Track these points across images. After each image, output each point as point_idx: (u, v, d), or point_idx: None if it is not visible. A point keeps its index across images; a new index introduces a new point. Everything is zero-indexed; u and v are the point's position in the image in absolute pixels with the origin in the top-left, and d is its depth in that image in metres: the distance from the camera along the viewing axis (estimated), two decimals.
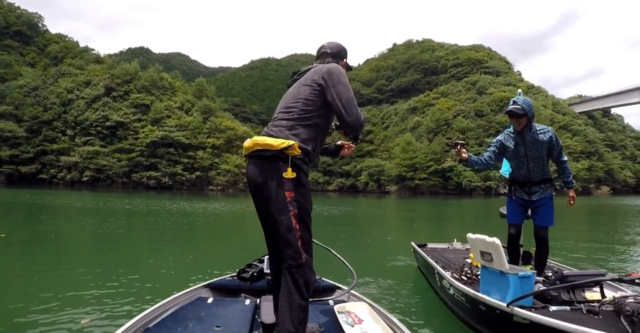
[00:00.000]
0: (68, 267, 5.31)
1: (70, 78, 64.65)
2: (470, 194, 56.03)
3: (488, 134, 62.90)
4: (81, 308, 3.39)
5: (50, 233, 8.39)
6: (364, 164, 72.04)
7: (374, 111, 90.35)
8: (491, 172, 58.51)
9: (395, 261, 6.13)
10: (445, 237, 9.90)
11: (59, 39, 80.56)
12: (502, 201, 15.71)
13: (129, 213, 14.49)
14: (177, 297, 2.56)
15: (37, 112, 59.20)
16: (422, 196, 52.05)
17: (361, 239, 9.10)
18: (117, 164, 55.85)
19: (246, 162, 1.94)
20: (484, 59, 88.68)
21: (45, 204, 17.83)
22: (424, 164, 59.46)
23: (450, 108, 70.29)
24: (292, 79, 2.13)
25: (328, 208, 20.63)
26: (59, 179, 56.82)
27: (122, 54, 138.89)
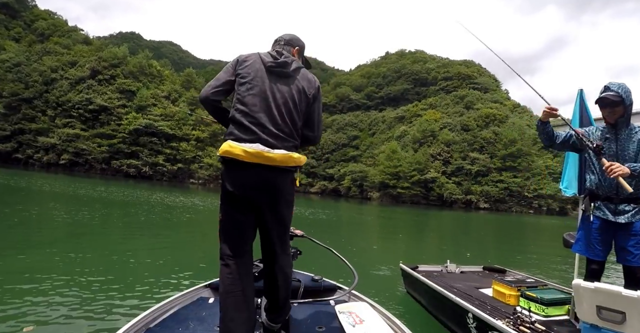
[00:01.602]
0: (66, 267, 5.08)
1: (56, 57, 62.59)
2: (451, 206, 56.56)
3: (472, 149, 63.68)
4: (81, 309, 3.39)
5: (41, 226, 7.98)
6: (348, 168, 71.98)
7: (361, 117, 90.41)
8: (472, 186, 59.32)
9: (386, 271, 5.97)
10: (431, 250, 9.88)
11: (47, 15, 78.07)
12: (482, 216, 15.79)
13: (126, 206, 14.01)
14: (178, 297, 2.55)
15: (17, 89, 57.07)
16: (403, 205, 52.26)
17: (346, 247, 8.91)
18: (97, 149, 54.47)
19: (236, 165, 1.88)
20: (473, 74, 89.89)
21: (40, 190, 17.11)
22: (407, 173, 59.72)
23: (437, 120, 70.87)
24: (276, 67, 2.00)
25: (313, 211, 20.44)
26: (35, 160, 55.11)
27: (112, 38, 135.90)
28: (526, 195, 57.29)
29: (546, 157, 62.82)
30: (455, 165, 61.91)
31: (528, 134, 64.08)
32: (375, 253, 8.44)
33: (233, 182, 1.88)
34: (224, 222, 1.95)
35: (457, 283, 3.96)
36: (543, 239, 16.52)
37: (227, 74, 2.02)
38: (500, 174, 59.85)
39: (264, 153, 1.81)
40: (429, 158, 62.61)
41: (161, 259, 5.85)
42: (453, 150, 63.82)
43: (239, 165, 1.84)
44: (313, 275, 3.11)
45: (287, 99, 1.96)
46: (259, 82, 1.95)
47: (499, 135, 63.14)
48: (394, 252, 8.93)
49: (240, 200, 1.90)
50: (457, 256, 8.54)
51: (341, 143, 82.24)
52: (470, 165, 61.24)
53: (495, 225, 24.82)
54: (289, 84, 1.99)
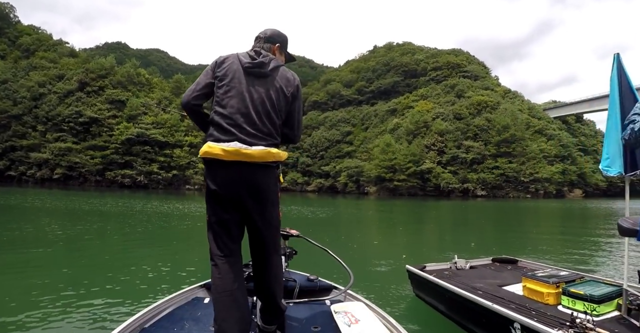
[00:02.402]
0: (63, 268, 5.13)
1: (43, 71, 62.23)
2: (449, 196, 56.69)
3: (466, 137, 63.80)
4: (78, 309, 3.39)
5: (45, 235, 7.87)
6: (343, 164, 72.02)
7: (353, 112, 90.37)
8: (468, 174, 59.47)
9: (387, 266, 5.93)
10: (433, 242, 9.85)
11: (32, 30, 77.82)
12: (480, 203, 15.76)
13: (120, 215, 13.90)
14: (173, 297, 2.53)
15: (6, 106, 56.91)
16: (400, 197, 52.34)
17: (347, 244, 8.86)
18: (91, 162, 54.20)
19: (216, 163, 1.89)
20: (462, 63, 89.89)
21: (29, 206, 16.96)
22: (403, 166, 59.79)
23: (429, 110, 70.89)
24: (253, 68, 1.99)
25: (311, 209, 20.38)
26: (29, 176, 54.83)
27: (98, 49, 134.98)
28: (522, 180, 57.56)
29: (540, 140, 63.11)
30: (450, 155, 62.04)
31: (520, 118, 64.34)
32: (376, 249, 8.37)
33: (215, 181, 1.90)
34: (211, 221, 1.96)
35: (476, 281, 3.53)
36: (545, 223, 16.55)
37: (207, 77, 2.01)
38: (495, 161, 60.09)
39: (242, 150, 1.83)
40: (423, 149, 62.70)
41: (157, 260, 5.84)
42: (447, 139, 63.94)
43: (219, 164, 1.87)
44: (309, 275, 3.06)
45: (264, 100, 1.96)
46: (236, 84, 1.95)
47: (492, 121, 63.32)
48: (395, 247, 8.88)
49: (224, 199, 1.91)
50: (460, 246, 8.51)
51: (335, 139, 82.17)
52: (465, 154, 61.40)
53: (494, 211, 24.88)
54: (266, 84, 1.99)
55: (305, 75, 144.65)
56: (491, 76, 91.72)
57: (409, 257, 6.90)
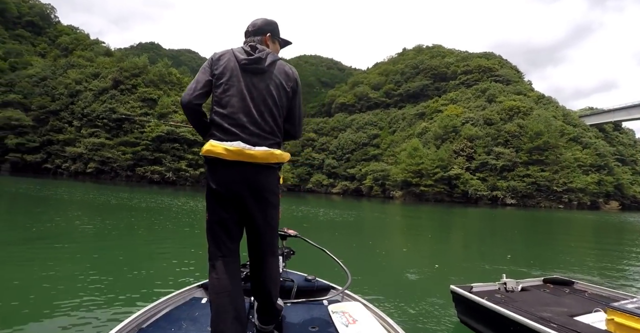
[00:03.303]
0: (61, 265, 5.05)
1: (79, 69, 64.42)
2: (476, 203, 55.35)
3: (497, 143, 62.17)
4: (75, 308, 3.37)
5: (48, 229, 7.98)
6: (369, 167, 71.49)
7: (381, 115, 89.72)
8: (498, 182, 57.88)
9: (418, 275, 5.64)
10: (465, 252, 9.41)
11: (70, 30, 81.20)
12: (509, 212, 15.13)
13: (147, 210, 14.08)
14: (171, 297, 2.53)
15: (44, 102, 59.15)
16: (426, 203, 51.43)
17: (374, 250, 8.61)
18: (122, 157, 55.62)
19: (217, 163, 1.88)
20: (494, 67, 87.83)
21: (43, 196, 17.44)
22: (430, 171, 58.79)
23: (459, 115, 69.57)
24: (250, 64, 1.94)
25: (338, 212, 20.16)
26: (64, 169, 56.72)
27: (133, 49, 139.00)
28: (555, 189, 55.52)
29: (575, 149, 60.84)
30: (479, 161, 60.59)
31: (554, 125, 62.17)
32: (406, 257, 8.07)
33: (216, 180, 1.89)
34: (211, 221, 1.95)
35: (539, 309, 3.02)
36: (583, 236, 15.80)
37: (205, 75, 1.98)
38: (526, 168, 58.26)
39: (245, 150, 1.82)
40: (451, 154, 61.50)
41: (159, 260, 5.79)
42: (476, 145, 62.50)
43: (221, 163, 1.86)
44: (306, 275, 3.00)
45: (265, 97, 1.94)
46: (235, 82, 1.92)
47: (524, 128, 61.45)
48: (425, 255, 8.56)
49: (225, 199, 1.91)
50: (495, 258, 8.13)
51: (361, 142, 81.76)
52: (495, 160, 59.82)
53: (526, 221, 24.01)
54: (265, 80, 1.95)
55: (333, 77, 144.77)
56: (524, 81, 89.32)
57: (441, 267, 6.59)
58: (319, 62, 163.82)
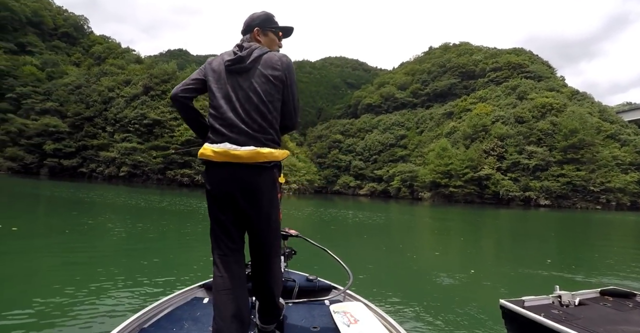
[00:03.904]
0: (64, 265, 5.19)
1: (112, 77, 66.67)
2: (508, 204, 53.73)
3: (529, 142, 60.20)
4: (75, 308, 3.40)
5: (63, 228, 8.12)
6: (397, 168, 70.61)
7: (408, 115, 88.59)
8: (531, 182, 55.99)
9: (452, 280, 5.37)
10: (501, 255, 8.98)
11: (103, 40, 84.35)
12: (543, 213, 14.46)
13: (177, 213, 14.28)
14: (172, 297, 2.54)
15: (79, 109, 61.48)
16: (456, 204, 50.33)
17: (405, 253, 8.36)
18: (153, 161, 57.05)
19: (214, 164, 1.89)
20: (524, 63, 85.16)
21: (77, 199, 17.95)
22: (459, 171, 57.50)
23: (488, 113, 67.70)
24: (233, 65, 1.96)
25: (368, 214, 19.89)
26: (98, 173, 58.70)
27: (162, 56, 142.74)
28: (592, 189, 53.16)
29: (612, 146, 58.18)
30: (510, 160, 58.79)
31: (590, 122, 59.59)
32: (439, 261, 7.77)
33: (209, 181, 1.93)
34: (211, 221, 1.98)
35: (608, 328, 2.62)
36: (627, 239, 14.97)
37: (199, 74, 2.03)
38: (561, 168, 56.09)
39: (230, 151, 1.84)
40: (481, 154, 59.93)
41: (160, 260, 5.81)
42: (507, 144, 60.67)
43: (212, 165, 1.90)
44: (308, 274, 3.01)
45: (249, 95, 1.93)
46: (222, 84, 1.95)
47: (558, 125, 59.20)
48: (459, 260, 8.24)
49: (219, 200, 1.93)
50: (534, 262, 7.73)
51: (388, 143, 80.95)
52: (528, 160, 57.91)
53: (562, 223, 23.05)
54: (250, 78, 1.95)
55: (358, 78, 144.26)
56: (556, 76, 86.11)
57: (477, 272, 6.30)
58: (344, 63, 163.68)
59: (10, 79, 60.74)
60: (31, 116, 59.31)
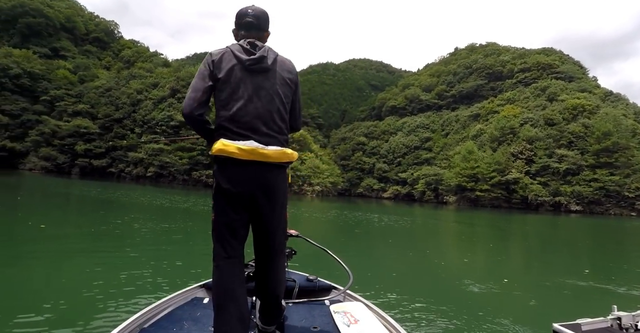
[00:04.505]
0: (67, 264, 5.23)
1: (140, 80, 68.59)
2: (537, 210, 52.13)
3: (559, 145, 58.29)
4: (77, 308, 3.41)
5: (89, 227, 8.20)
6: (422, 171, 69.54)
7: (433, 117, 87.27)
8: (561, 187, 54.16)
9: (484, 291, 5.10)
10: (534, 264, 8.54)
11: (132, 44, 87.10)
12: (575, 220, 13.77)
13: (200, 213, 14.39)
14: (172, 297, 2.53)
15: (109, 111, 63.58)
16: (482, 209, 49.16)
17: (433, 259, 8.11)
18: (179, 162, 58.15)
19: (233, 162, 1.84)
20: (554, 63, 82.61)
21: (105, 199, 18.32)
22: (486, 175, 56.17)
23: (516, 115, 65.96)
24: (255, 64, 1.90)
25: (393, 219, 19.57)
26: (126, 173, 60.28)
27: (188, 59, 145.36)
28: (627, 195, 50.90)
29: None
30: (540, 164, 57.05)
31: (625, 124, 57.24)
32: (468, 268, 7.47)
33: (229, 180, 1.86)
34: (218, 221, 1.91)
35: None
36: None
37: (205, 81, 1.88)
38: (593, 172, 54.00)
39: (259, 150, 1.82)
40: (509, 157, 58.39)
41: (161, 261, 5.78)
42: (537, 147, 58.91)
43: (233, 163, 1.83)
44: (308, 275, 3.02)
45: (272, 96, 1.92)
46: (240, 85, 1.88)
47: (590, 128, 57.04)
48: (490, 267, 7.92)
49: (235, 199, 1.87)
50: (570, 273, 7.37)
51: (413, 146, 79.91)
52: (558, 163, 56.05)
53: (596, 230, 22.13)
54: (270, 79, 1.93)
55: (382, 80, 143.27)
56: (588, 77, 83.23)
57: (511, 282, 6.00)
58: (368, 65, 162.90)
59: (44, 82, 63.29)
60: (64, 118, 61.62)
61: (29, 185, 25.16)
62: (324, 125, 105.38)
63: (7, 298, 3.67)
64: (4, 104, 58.46)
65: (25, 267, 4.99)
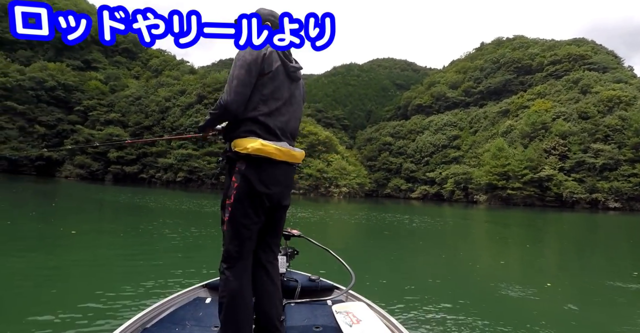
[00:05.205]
0: (71, 265, 5.29)
1: (168, 88, 70.45)
2: (573, 207, 50.21)
3: (594, 139, 56.02)
4: (77, 309, 3.42)
5: (118, 232, 8.31)
6: (450, 170, 68.30)
7: (460, 115, 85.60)
8: (598, 183, 52.03)
9: (527, 296, 4.83)
10: (573, 265, 8.12)
11: (159, 53, 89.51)
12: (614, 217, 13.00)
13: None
14: (175, 297, 2.55)
15: (139, 119, 65.83)
16: (514, 207, 47.76)
17: (467, 262, 7.82)
18: (207, 166, 59.16)
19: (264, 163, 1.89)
20: (587, 53, 79.55)
21: (135, 204, 18.73)
22: (517, 172, 54.59)
23: (548, 110, 63.90)
24: (295, 72, 2.01)
25: (424, 219, 19.18)
26: (157, 179, 61.90)
27: (214, 65, 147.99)
28: None
29: None
30: (574, 160, 54.99)
31: None
32: (506, 271, 7.14)
33: (264, 181, 1.87)
34: (239, 224, 1.90)
35: None
36: None
37: (251, 76, 1.86)
38: (632, 166, 51.67)
39: (291, 151, 1.91)
40: (542, 153, 56.60)
41: (164, 261, 5.81)
42: (571, 142, 56.86)
43: (270, 163, 1.86)
44: (310, 275, 3.02)
45: (299, 104, 2.07)
46: (282, 86, 1.94)
47: (627, 120, 54.66)
48: (529, 270, 7.55)
49: (264, 200, 1.90)
50: (618, 275, 6.92)
51: (440, 144, 78.62)
52: (594, 159, 53.89)
53: (639, 229, 21.05)
54: (299, 88, 2.07)
55: (407, 78, 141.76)
56: (623, 67, 79.78)
57: (555, 286, 5.67)
58: (392, 64, 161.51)
59: (78, 93, 66.03)
60: (97, 127, 64.08)
61: (64, 192, 26.04)
62: (350, 126, 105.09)
63: (11, 298, 3.75)
64: (40, 115, 61.26)
65: (41, 269, 5.02)
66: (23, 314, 3.23)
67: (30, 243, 6.59)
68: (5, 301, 3.65)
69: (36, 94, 61.39)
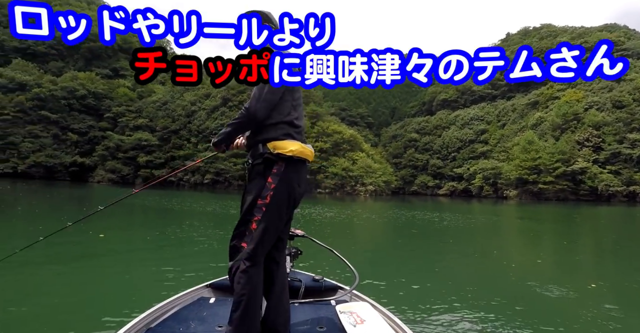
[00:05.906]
0: (75, 266, 5.36)
1: (193, 92, 71.62)
2: (609, 201, 48.23)
3: (631, 129, 53.56)
4: (82, 308, 3.45)
5: (145, 236, 8.39)
6: (478, 166, 66.67)
7: (487, 108, 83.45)
8: (635, 175, 49.77)
9: (569, 298, 4.58)
10: (617, 263, 7.69)
11: None
12: None
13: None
14: (179, 297, 2.57)
15: (166, 123, 67.33)
16: (547, 202, 46.28)
17: (501, 261, 7.57)
18: (234, 168, 59.93)
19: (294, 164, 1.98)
20: (619, 39, 75.78)
21: (163, 207, 19.08)
22: (549, 166, 52.81)
23: (580, 100, 61.50)
24: None
25: (454, 216, 18.76)
26: (185, 181, 63.17)
27: None
28: None
29: None
30: (609, 151, 52.78)
31: None
32: (544, 271, 6.82)
33: (299, 181, 1.95)
34: (271, 223, 1.92)
35: None
36: None
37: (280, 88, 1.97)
38: None
39: (313, 152, 2.04)
40: (574, 146, 54.57)
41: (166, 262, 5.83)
42: (605, 133, 54.59)
43: (304, 164, 1.98)
44: (314, 275, 3.03)
45: (302, 104, 2.16)
46: (296, 92, 2.06)
47: None
48: (569, 269, 7.21)
49: (295, 199, 1.97)
50: None
51: (468, 139, 76.91)
52: (631, 149, 51.58)
53: None
54: (299, 92, 2.15)
55: None
56: None
57: (599, 287, 5.38)
58: None
59: (107, 101, 68.39)
60: (126, 132, 66.14)
61: (96, 196, 26.89)
62: (374, 124, 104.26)
63: (17, 299, 3.80)
64: (73, 123, 63.74)
65: (60, 271, 5.11)
66: (19, 312, 3.31)
67: (56, 248, 6.50)
68: (15, 299, 3.74)
69: (68, 103, 64.02)
